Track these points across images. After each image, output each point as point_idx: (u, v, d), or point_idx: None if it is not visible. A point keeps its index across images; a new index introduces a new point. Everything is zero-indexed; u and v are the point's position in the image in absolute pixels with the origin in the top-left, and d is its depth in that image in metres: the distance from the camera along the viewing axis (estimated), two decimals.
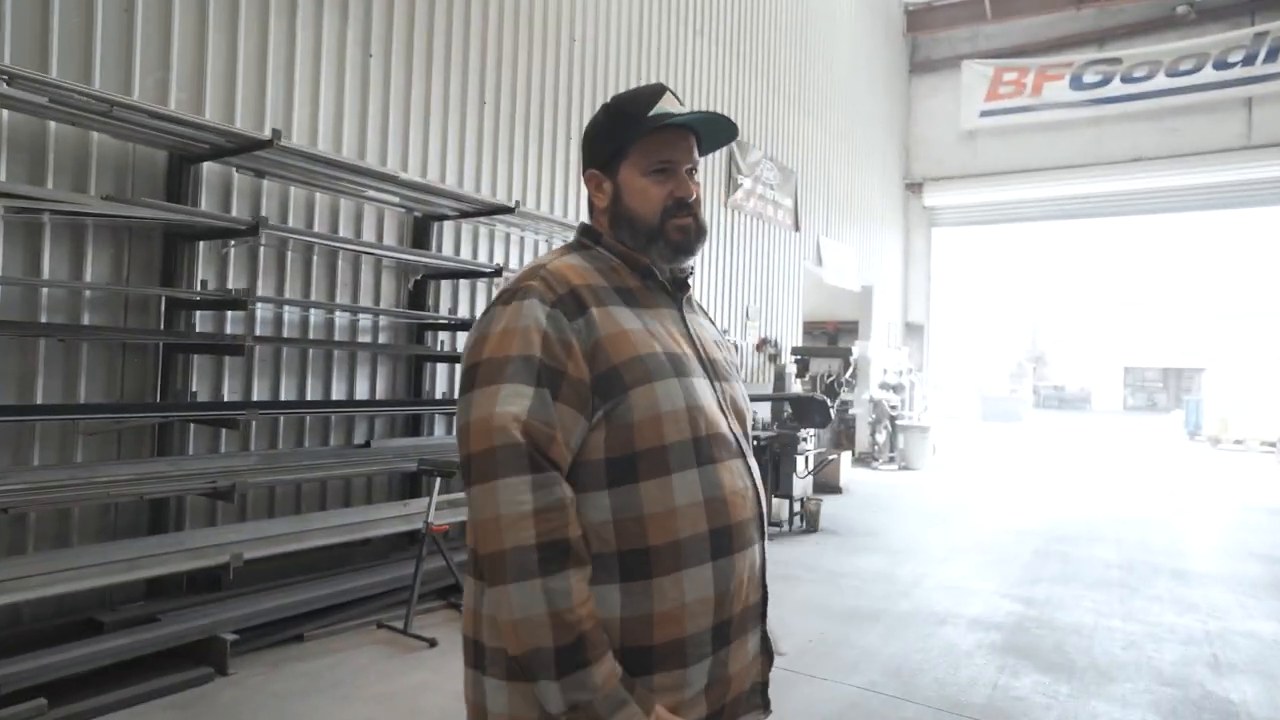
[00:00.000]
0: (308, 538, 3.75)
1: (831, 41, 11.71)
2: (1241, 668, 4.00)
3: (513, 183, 5.77)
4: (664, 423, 1.15)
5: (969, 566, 5.94)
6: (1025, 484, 10.99)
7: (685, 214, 1.27)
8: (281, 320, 4.31)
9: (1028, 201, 14.42)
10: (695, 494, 1.15)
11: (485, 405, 1.09)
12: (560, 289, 1.17)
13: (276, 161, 3.98)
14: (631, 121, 1.26)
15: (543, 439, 1.08)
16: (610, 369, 1.14)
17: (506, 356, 1.10)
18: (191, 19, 3.87)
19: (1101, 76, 13.52)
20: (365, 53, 4.71)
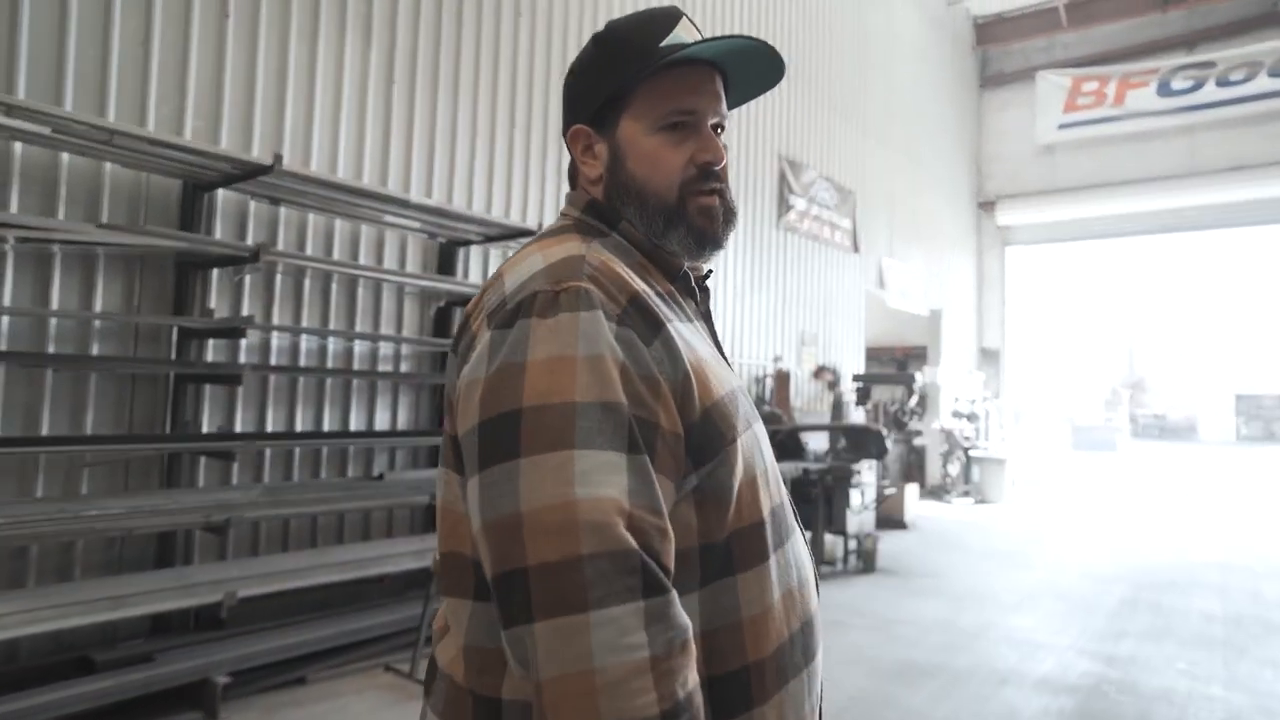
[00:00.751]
0: (308, 575, 3.61)
1: (892, 58, 11.33)
2: None
3: (544, 205, 5.65)
4: (759, 488, 0.85)
5: (1043, 616, 5.39)
6: (1116, 521, 10.12)
7: (712, 188, 0.92)
8: (298, 349, 4.25)
9: (1114, 217, 13.56)
10: (788, 580, 0.87)
11: (554, 484, 0.69)
12: (621, 297, 0.80)
13: (291, 189, 3.94)
14: (636, 55, 0.89)
15: (653, 539, 0.71)
16: (704, 414, 0.80)
17: (571, 404, 0.72)
18: (210, 48, 3.88)
19: (1193, 81, 12.66)
20: (389, 78, 4.68)
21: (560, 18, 5.82)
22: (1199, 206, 12.86)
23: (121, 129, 3.21)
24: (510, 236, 4.92)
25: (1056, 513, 10.61)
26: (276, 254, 3.76)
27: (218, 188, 3.76)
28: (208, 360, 3.81)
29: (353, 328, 4.47)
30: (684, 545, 0.79)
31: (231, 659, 3.37)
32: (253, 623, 3.75)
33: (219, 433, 3.83)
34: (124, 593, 3.17)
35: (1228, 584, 6.57)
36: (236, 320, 3.60)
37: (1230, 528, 9.93)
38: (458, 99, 5.07)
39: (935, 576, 6.46)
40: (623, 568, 0.68)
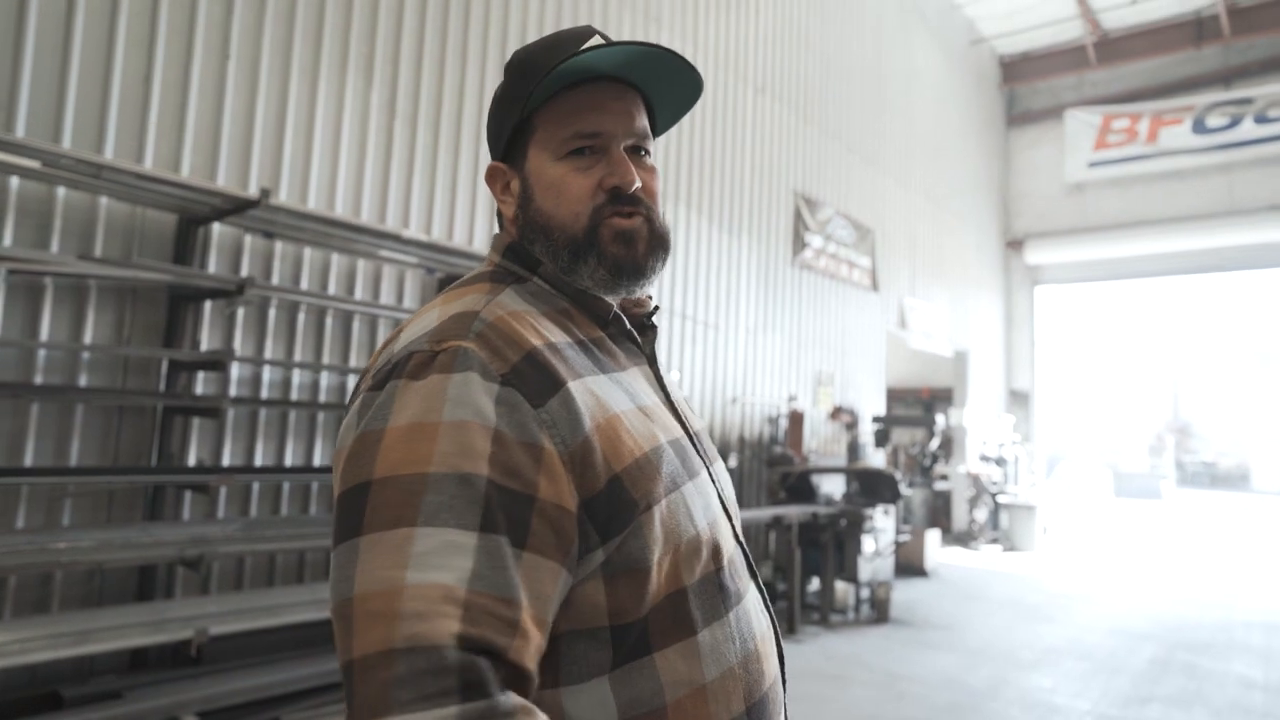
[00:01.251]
0: (285, 612, 3.55)
1: (912, 98, 11.33)
2: None
3: None
4: (682, 557, 0.77)
5: (1063, 675, 5.13)
6: (1155, 573, 9.70)
7: (628, 212, 0.85)
8: (290, 383, 4.27)
9: (1148, 256, 13.27)
10: (728, 656, 0.78)
11: (384, 567, 0.64)
12: (511, 353, 0.74)
13: (285, 223, 3.99)
14: (532, 77, 0.84)
15: (497, 632, 0.63)
16: (611, 482, 0.73)
17: (423, 475, 0.66)
18: (210, 87, 3.98)
19: (1230, 119, 12.45)
20: (390, 115, 4.76)
21: None
22: (1240, 246, 12.54)
23: (112, 164, 3.28)
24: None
25: (1090, 563, 10.21)
26: (264, 288, 3.79)
27: (211, 222, 3.82)
28: (195, 393, 3.83)
29: (347, 362, 4.49)
30: (594, 625, 0.73)
31: (202, 698, 3.31)
32: (232, 659, 3.71)
33: (201, 466, 3.83)
34: (92, 627, 3.14)
35: (1272, 646, 6.22)
36: (219, 353, 3.62)
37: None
38: (460, 137, 5.14)
39: (951, 629, 6.22)
40: (436, 667, 0.60)
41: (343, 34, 4.53)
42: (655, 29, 6.74)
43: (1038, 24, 13.00)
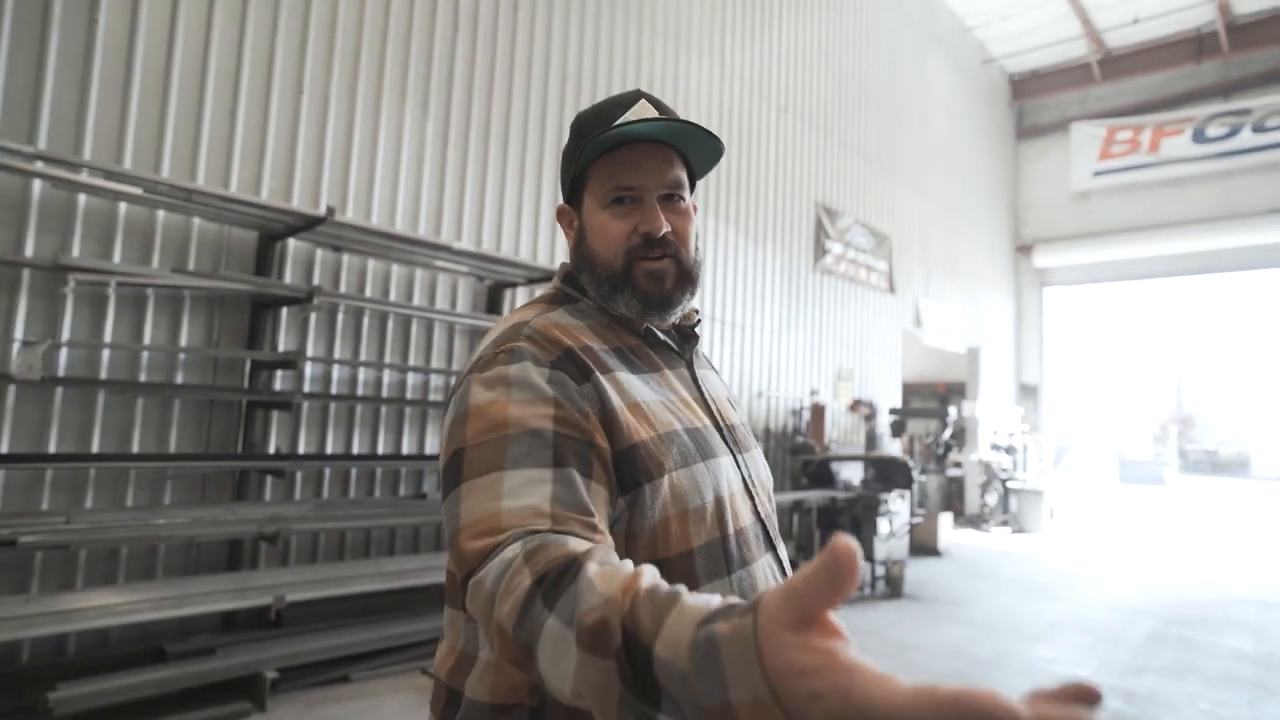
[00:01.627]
0: (350, 583, 3.63)
1: (927, 114, 11.06)
2: None
3: None
4: (690, 522, 0.83)
5: (1064, 647, 4.96)
6: (1155, 554, 9.32)
7: (658, 255, 0.92)
8: (356, 380, 4.34)
9: (1150, 259, 12.76)
10: None
11: (485, 500, 0.72)
12: (553, 350, 0.84)
13: (351, 237, 4.06)
14: (586, 138, 0.93)
15: (579, 528, 0.71)
16: (630, 449, 0.81)
17: (503, 435, 0.75)
18: (286, 117, 4.07)
19: (1229, 129, 11.90)
20: (444, 140, 4.80)
21: (604, 82, 5.89)
22: (1237, 248, 11.98)
23: (202, 189, 3.37)
24: (549, 278, 4.94)
25: (1094, 544, 9.86)
26: (331, 295, 3.86)
27: (286, 237, 3.90)
28: (274, 389, 3.92)
29: (406, 361, 4.55)
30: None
31: (280, 656, 3.40)
32: (307, 624, 3.80)
33: (279, 454, 3.92)
34: (189, 593, 3.24)
35: (1264, 622, 5.93)
36: (293, 354, 3.69)
37: (1274, 565, 9.00)
38: (506, 157, 5.17)
39: (960, 604, 6.06)
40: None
41: (401, 70, 4.59)
42: (685, 54, 6.69)
43: (1045, 44, 12.58)
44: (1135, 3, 11.30)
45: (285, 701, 3.35)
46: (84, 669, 3.07)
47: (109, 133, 3.46)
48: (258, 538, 3.34)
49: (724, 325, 7.12)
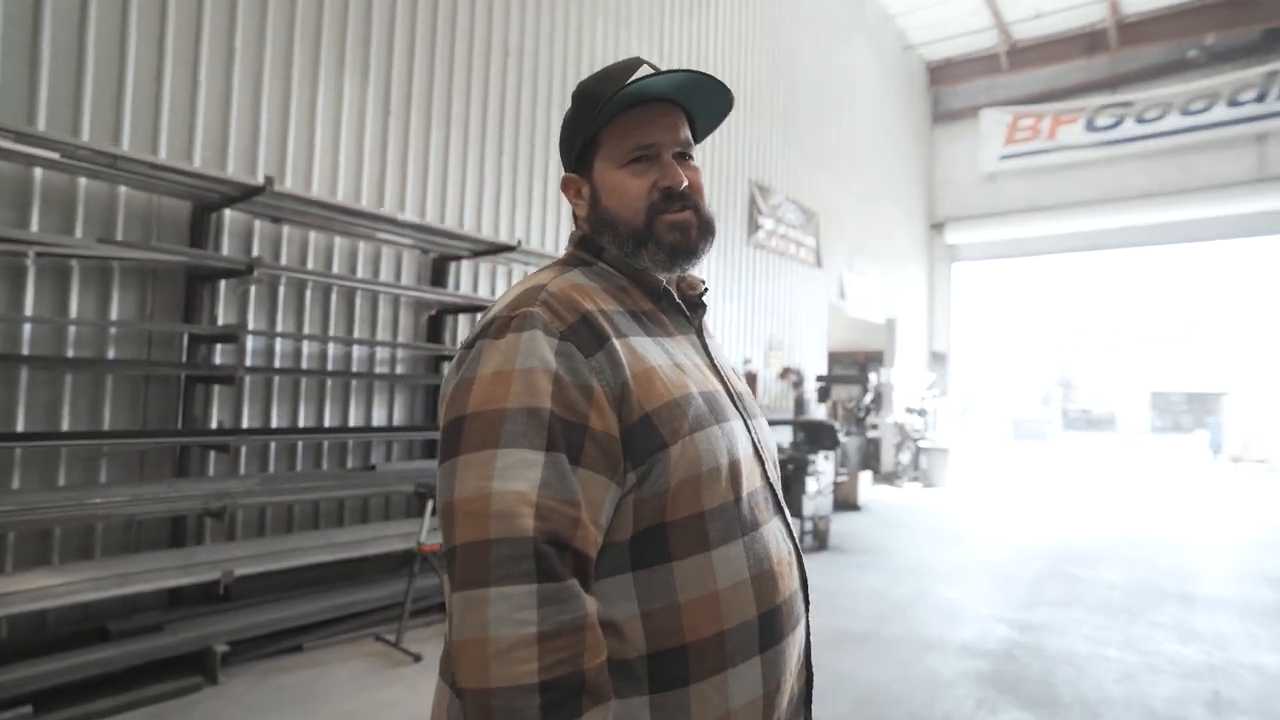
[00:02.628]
0: (299, 555, 3.49)
1: (853, 96, 11.18)
2: (1243, 708, 3.27)
3: (529, 225, 5.52)
4: (703, 485, 0.80)
5: (969, 587, 5.25)
6: (1043, 502, 9.96)
7: (679, 207, 0.90)
8: (300, 353, 4.13)
9: (1047, 237, 13.39)
10: (740, 571, 0.81)
11: (476, 479, 0.73)
12: (569, 315, 0.81)
13: (292, 209, 3.81)
14: (596, 103, 0.90)
15: (563, 525, 0.72)
16: (642, 419, 0.79)
17: (502, 410, 0.74)
18: (217, 83, 3.76)
19: (1115, 119, 12.50)
20: (385, 111, 4.55)
21: (545, 59, 5.69)
22: (1120, 228, 12.70)
23: (127, 155, 3.09)
24: (495, 251, 4.80)
25: (993, 496, 10.46)
26: (272, 267, 3.63)
27: (223, 208, 3.63)
28: (214, 363, 3.69)
29: (351, 333, 4.35)
30: (623, 533, 0.78)
31: (231, 629, 3.25)
32: (257, 596, 3.64)
33: (223, 428, 3.70)
34: (130, 571, 3.05)
35: (1131, 556, 6.43)
36: (234, 327, 3.47)
37: (1139, 507, 9.77)
38: (449, 130, 4.94)
39: (879, 553, 6.32)
40: (520, 553, 0.69)
41: (339, 38, 4.30)
42: (626, 32, 6.52)
43: (959, 33, 12.86)
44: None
45: (237, 674, 3.22)
46: (20, 652, 2.85)
47: (18, 92, 3.11)
48: (203, 513, 3.16)
49: None
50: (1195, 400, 33.42)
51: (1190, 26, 11.48)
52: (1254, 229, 11.61)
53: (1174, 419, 34.36)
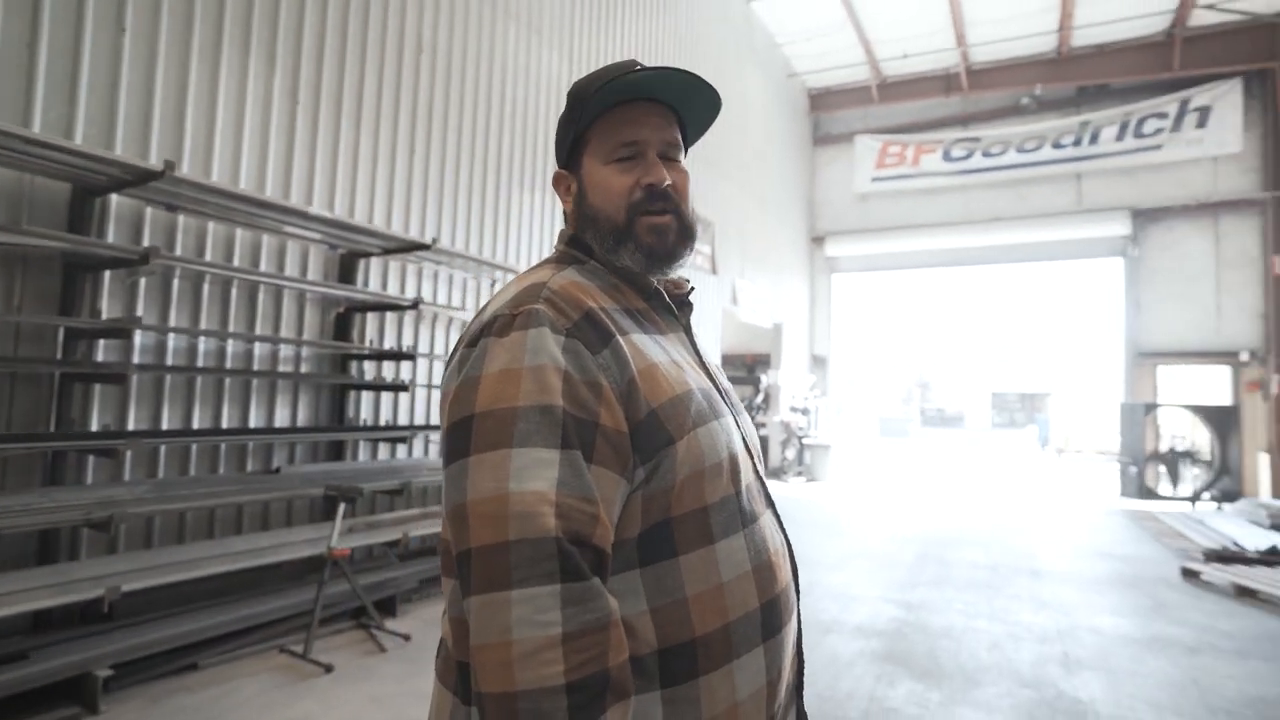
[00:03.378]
0: (194, 567, 3.17)
1: (746, 117, 11.61)
2: (1088, 664, 3.70)
3: (441, 222, 5.32)
4: (706, 479, 0.79)
5: (855, 573, 5.59)
6: (910, 493, 10.79)
7: (660, 208, 0.87)
8: (195, 350, 3.75)
9: (912, 252, 14.50)
10: (743, 563, 0.80)
11: (492, 479, 0.69)
12: (574, 312, 0.78)
13: (190, 196, 3.46)
14: (587, 100, 0.87)
15: (583, 524, 0.69)
16: (650, 415, 0.77)
17: (513, 408, 0.71)
18: (103, 58, 3.35)
19: (967, 151, 13.75)
20: (293, 101, 4.24)
21: (459, 59, 5.51)
22: (970, 248, 13.97)
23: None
24: (408, 249, 4.58)
25: (867, 488, 11.19)
26: (168, 258, 3.27)
27: (109, 192, 3.24)
28: (97, 360, 3.28)
29: (253, 330, 4.01)
30: (630, 530, 0.76)
31: (113, 651, 2.89)
32: (145, 614, 3.26)
33: (105, 431, 3.30)
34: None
35: (988, 539, 7.09)
36: (124, 321, 3.10)
37: (988, 493, 10.82)
38: (359, 123, 4.67)
39: None
40: (543, 553, 0.66)
41: (244, 21, 3.96)
42: (537, 39, 6.44)
43: (837, 65, 13.68)
44: (905, 42, 12.63)
45: (123, 700, 2.87)
46: None
47: None
48: (85, 524, 2.79)
49: None
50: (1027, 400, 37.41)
51: (1023, 77, 12.87)
52: (1074, 253, 13.14)
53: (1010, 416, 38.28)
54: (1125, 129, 12.21)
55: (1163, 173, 11.96)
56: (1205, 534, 7.12)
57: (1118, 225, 12.22)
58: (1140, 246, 12.06)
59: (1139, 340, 11.93)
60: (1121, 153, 12.20)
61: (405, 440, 4.52)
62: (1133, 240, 12.09)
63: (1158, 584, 5.44)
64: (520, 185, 6.17)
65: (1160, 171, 11.98)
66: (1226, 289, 11.35)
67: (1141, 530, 7.89)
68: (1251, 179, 11.33)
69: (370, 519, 4.33)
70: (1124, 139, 12.20)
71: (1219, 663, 3.75)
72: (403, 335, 4.96)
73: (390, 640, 3.68)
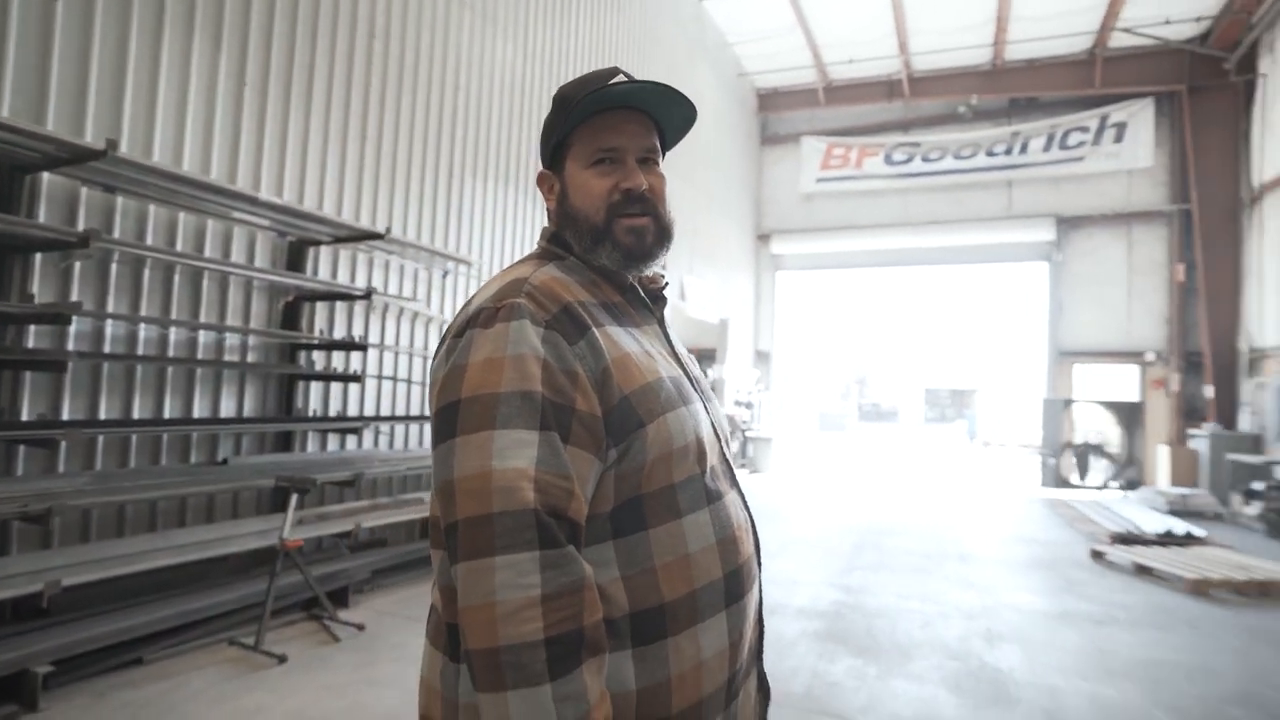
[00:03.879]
0: (144, 559, 3.09)
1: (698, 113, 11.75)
2: (1008, 637, 4.00)
3: (392, 211, 5.25)
4: (674, 460, 0.85)
5: (798, 560, 5.83)
6: (849, 483, 11.23)
7: (636, 211, 0.93)
8: (135, 337, 3.63)
9: (853, 252, 15.01)
10: (708, 536, 0.87)
11: (476, 458, 0.75)
12: (552, 306, 0.84)
13: (130, 177, 3.34)
14: (570, 105, 0.93)
15: (559, 498, 0.76)
16: (622, 401, 0.83)
17: (496, 394, 0.77)
18: (33, 28, 3.19)
19: (907, 156, 14.30)
20: (240, 82, 4.11)
21: (412, 46, 5.44)
22: (909, 249, 14.55)
23: None
24: (359, 238, 4.52)
25: (809, 479, 11.58)
26: (110, 242, 3.16)
27: (41, 170, 3.10)
28: (28, 346, 3.14)
29: (197, 318, 3.89)
30: (604, 505, 0.82)
31: (53, 648, 2.80)
32: (86, 609, 3.16)
33: (40, 420, 3.17)
34: None
35: (922, 527, 7.49)
36: (60, 306, 2.98)
37: (920, 483, 11.37)
38: (310, 109, 4.57)
39: None
40: (523, 524, 0.72)
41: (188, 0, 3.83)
42: (491, 28, 6.39)
43: (785, 67, 13.99)
44: (852, 47, 13.03)
45: (65, 697, 2.78)
46: None
47: None
48: (19, 518, 2.69)
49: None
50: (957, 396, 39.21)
51: (960, 87, 13.47)
52: (1004, 256, 13.87)
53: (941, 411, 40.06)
54: (1051, 141, 12.95)
55: (1084, 183, 12.75)
56: (1112, 519, 7.71)
57: (1044, 231, 12.96)
58: (1063, 252, 12.83)
59: (1060, 340, 12.72)
60: (1048, 163, 12.94)
61: (357, 431, 4.47)
62: (1056, 246, 12.85)
63: (1069, 565, 5.89)
64: (473, 176, 6.13)
65: (1082, 182, 12.76)
66: (1137, 294, 12.22)
67: (1057, 517, 8.47)
68: (1161, 192, 12.21)
69: (320, 510, 4.27)
70: (1050, 150, 12.93)
71: (1119, 632, 4.12)
72: (353, 325, 4.88)
73: (343, 630, 3.66)
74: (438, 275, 5.70)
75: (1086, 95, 12.52)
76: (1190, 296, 11.62)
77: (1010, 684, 3.34)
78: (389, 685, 3.06)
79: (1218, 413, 10.69)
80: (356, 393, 4.93)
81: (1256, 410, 9.97)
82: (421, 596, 4.31)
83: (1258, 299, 10.33)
